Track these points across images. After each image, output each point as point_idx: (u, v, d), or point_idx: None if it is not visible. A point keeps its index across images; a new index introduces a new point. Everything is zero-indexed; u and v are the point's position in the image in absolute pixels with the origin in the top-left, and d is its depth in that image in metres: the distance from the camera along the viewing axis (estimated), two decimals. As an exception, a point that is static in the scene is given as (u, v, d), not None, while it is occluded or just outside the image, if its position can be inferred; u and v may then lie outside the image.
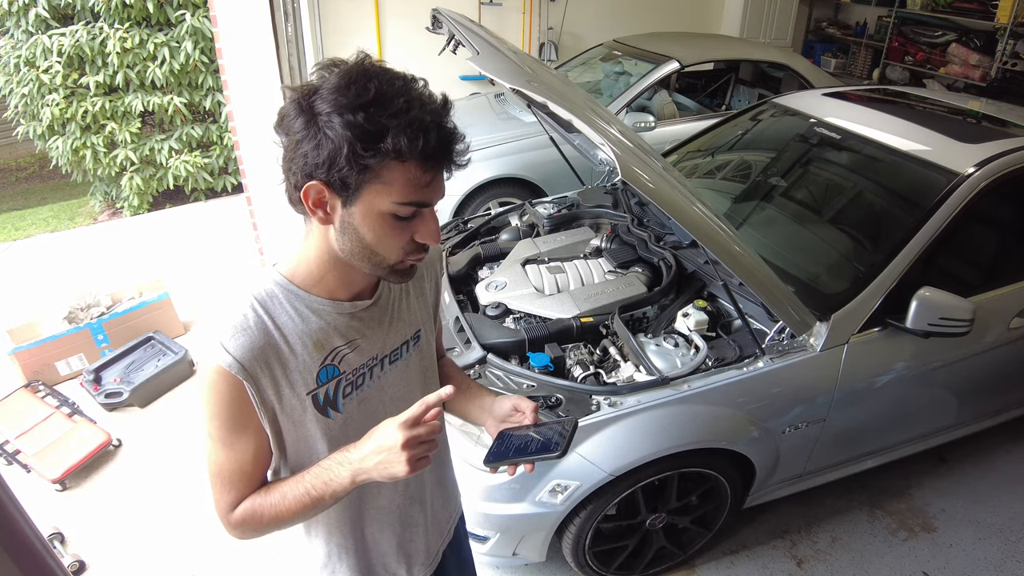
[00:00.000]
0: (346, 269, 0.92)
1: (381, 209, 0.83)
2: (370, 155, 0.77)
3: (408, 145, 0.77)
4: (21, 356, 3.05)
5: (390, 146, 0.77)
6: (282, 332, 0.91)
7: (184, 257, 4.42)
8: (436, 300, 1.17)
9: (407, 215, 0.84)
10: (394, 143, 0.77)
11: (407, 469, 0.85)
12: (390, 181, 0.80)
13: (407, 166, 0.80)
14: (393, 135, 0.77)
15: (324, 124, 0.78)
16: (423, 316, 1.11)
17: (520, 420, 1.07)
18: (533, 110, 2.22)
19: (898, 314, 1.91)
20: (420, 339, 1.10)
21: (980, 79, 6.22)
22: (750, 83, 5.05)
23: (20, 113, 4.98)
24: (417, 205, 0.84)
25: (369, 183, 0.81)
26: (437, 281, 1.17)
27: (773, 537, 2.39)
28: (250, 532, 0.96)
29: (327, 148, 0.78)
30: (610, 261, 2.44)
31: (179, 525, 2.44)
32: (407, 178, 0.81)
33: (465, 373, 1.29)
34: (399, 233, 0.86)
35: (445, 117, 0.82)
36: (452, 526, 1.31)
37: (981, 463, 2.71)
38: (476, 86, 5.59)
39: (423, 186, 0.82)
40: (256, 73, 3.00)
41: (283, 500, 0.92)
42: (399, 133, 0.77)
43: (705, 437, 1.88)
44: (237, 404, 0.89)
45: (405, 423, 0.85)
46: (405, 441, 0.84)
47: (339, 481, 0.89)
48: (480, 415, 1.15)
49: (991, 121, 2.67)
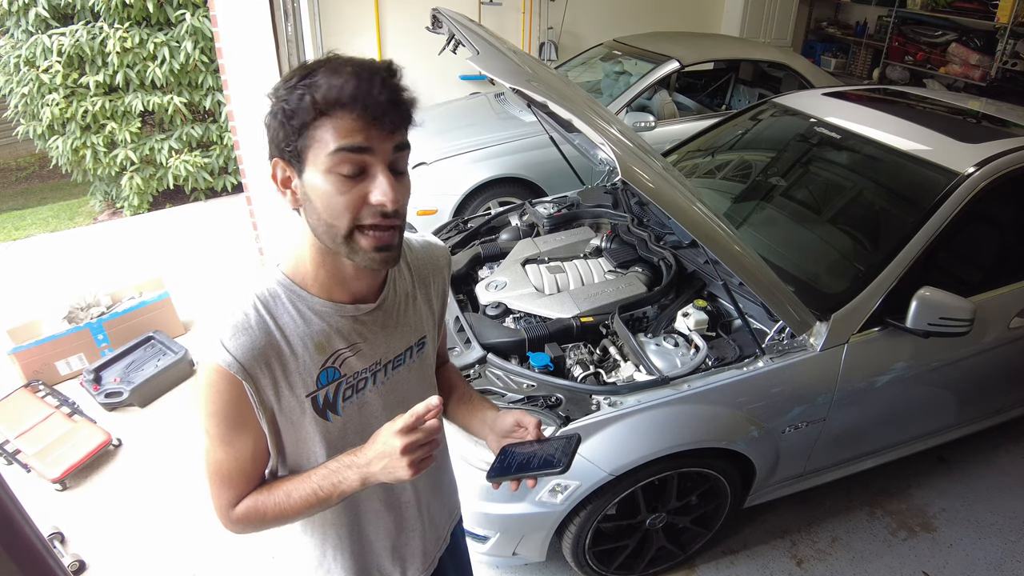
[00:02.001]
0: (333, 259, 0.91)
1: (323, 169, 0.82)
2: (299, 118, 0.81)
3: (324, 94, 0.79)
4: (21, 356, 3.05)
5: (308, 101, 0.79)
6: (283, 333, 0.90)
7: (184, 257, 4.42)
8: (442, 308, 1.15)
9: (351, 172, 0.82)
10: (312, 97, 0.79)
11: (411, 472, 0.87)
12: (323, 139, 0.81)
13: (335, 118, 0.80)
14: (313, 90, 0.80)
15: (271, 106, 0.84)
16: (429, 323, 1.10)
17: (522, 436, 1.07)
18: (533, 110, 2.22)
19: (898, 314, 1.91)
20: (424, 346, 1.08)
21: (980, 79, 6.22)
22: (750, 83, 5.04)
23: (20, 113, 4.97)
24: (351, 151, 0.81)
25: (309, 147, 0.82)
26: (444, 289, 1.15)
27: (773, 537, 2.39)
28: (251, 528, 0.97)
29: (273, 125, 0.83)
30: (610, 261, 2.44)
31: (179, 525, 2.44)
32: (336, 129, 0.80)
33: (469, 384, 1.28)
34: (347, 194, 0.83)
35: (373, 70, 0.82)
36: (449, 531, 1.30)
37: (981, 463, 2.71)
38: (476, 86, 5.59)
39: (355, 132, 0.80)
40: (256, 73, 2.99)
41: (288, 499, 0.93)
42: (318, 88, 0.79)
43: (705, 437, 1.88)
44: (236, 403, 0.89)
45: (402, 430, 0.86)
46: (404, 447, 0.86)
47: (348, 483, 0.91)
48: (481, 429, 1.14)
49: (991, 121, 2.67)
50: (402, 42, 5.37)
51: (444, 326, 1.23)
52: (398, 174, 0.86)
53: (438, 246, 1.15)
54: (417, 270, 1.09)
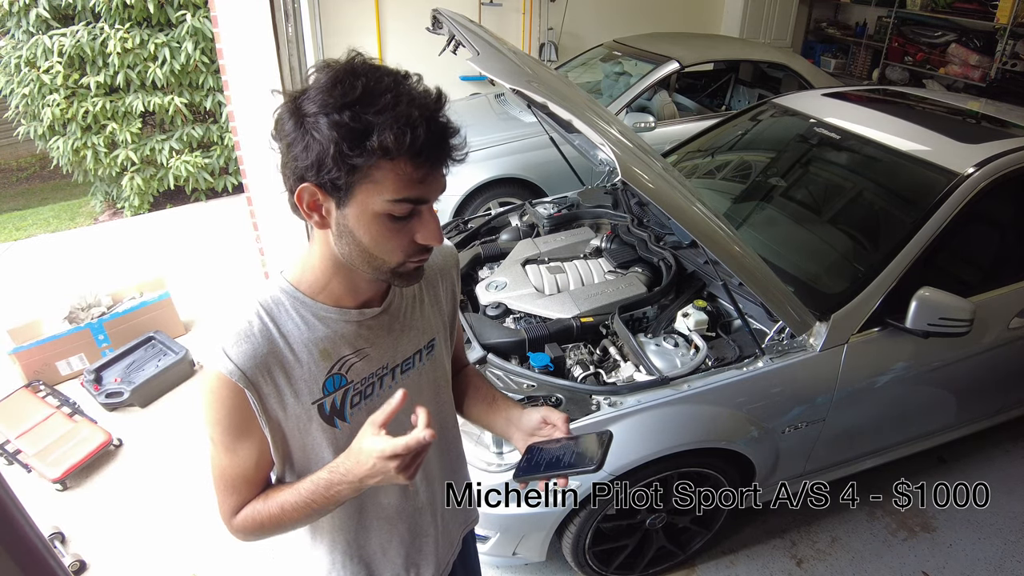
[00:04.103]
0: (350, 275, 0.90)
1: (375, 210, 0.80)
2: (357, 154, 0.76)
3: (395, 142, 0.75)
4: (22, 356, 3.06)
5: (376, 144, 0.75)
6: (287, 340, 0.89)
7: (185, 257, 4.43)
8: (453, 309, 1.13)
9: (403, 214, 0.81)
10: (380, 140, 0.75)
11: (405, 478, 0.84)
12: (381, 180, 0.78)
13: (397, 163, 0.77)
14: (379, 132, 0.75)
15: (311, 126, 0.77)
16: (437, 325, 1.08)
17: (550, 433, 1.03)
18: (533, 110, 2.22)
19: (898, 314, 1.91)
20: (434, 349, 1.06)
21: (980, 79, 6.22)
22: (750, 83, 5.05)
23: (21, 113, 4.98)
24: (411, 202, 0.80)
25: (360, 183, 0.78)
26: (454, 290, 1.13)
27: (773, 537, 2.39)
28: (252, 536, 0.96)
29: (315, 150, 0.77)
30: (610, 261, 2.44)
31: (179, 525, 2.44)
32: (398, 176, 0.78)
33: (491, 384, 1.24)
34: (397, 234, 0.83)
35: (437, 111, 0.80)
36: (462, 536, 1.28)
37: (981, 463, 2.71)
38: (476, 86, 5.59)
39: (416, 183, 0.79)
40: (256, 73, 2.99)
41: (282, 512, 0.91)
42: (385, 130, 0.75)
43: (705, 437, 1.88)
44: (239, 411, 0.88)
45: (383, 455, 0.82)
46: (396, 468, 0.82)
47: (344, 496, 0.88)
48: (507, 428, 1.10)
49: (991, 121, 2.67)
50: (402, 42, 5.37)
51: (460, 329, 1.21)
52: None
53: (446, 247, 1.13)
54: (425, 272, 1.07)
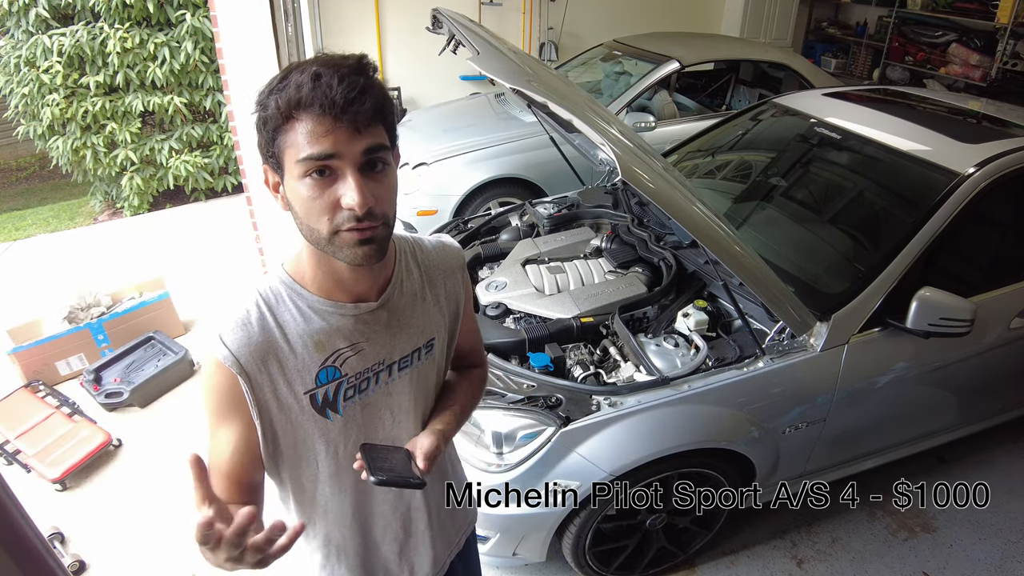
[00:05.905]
0: (328, 261, 0.91)
1: (296, 174, 0.82)
2: (271, 123, 0.82)
3: (287, 98, 0.79)
4: (21, 356, 3.05)
5: (274, 106, 0.80)
6: (283, 330, 0.91)
7: (184, 257, 4.42)
8: (457, 309, 1.12)
9: (316, 173, 0.81)
10: (276, 102, 0.80)
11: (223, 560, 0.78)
12: (292, 143, 0.81)
13: (301, 122, 0.80)
14: (279, 94, 0.80)
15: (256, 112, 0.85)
16: (439, 324, 1.07)
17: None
18: (533, 110, 2.22)
19: (898, 314, 1.91)
20: (433, 348, 1.06)
21: (980, 79, 6.22)
22: (750, 83, 5.05)
23: (20, 113, 4.97)
24: (318, 159, 0.80)
25: (284, 152, 0.82)
26: (457, 290, 1.11)
27: (773, 537, 2.39)
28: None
29: (257, 131, 0.85)
30: (610, 261, 2.44)
31: (179, 525, 2.44)
32: (303, 133, 0.80)
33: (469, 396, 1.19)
34: (319, 199, 0.82)
35: (344, 68, 0.80)
36: (463, 536, 1.28)
37: (981, 463, 2.71)
38: (476, 86, 5.59)
39: (319, 137, 0.79)
40: (256, 73, 2.99)
41: None
42: (282, 91, 0.80)
43: (705, 437, 1.88)
44: (228, 396, 0.90)
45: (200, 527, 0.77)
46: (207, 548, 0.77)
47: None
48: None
49: (991, 121, 2.67)
50: (402, 42, 5.37)
51: (477, 329, 1.21)
52: (375, 173, 0.84)
53: (452, 247, 1.12)
54: (427, 270, 1.06)
